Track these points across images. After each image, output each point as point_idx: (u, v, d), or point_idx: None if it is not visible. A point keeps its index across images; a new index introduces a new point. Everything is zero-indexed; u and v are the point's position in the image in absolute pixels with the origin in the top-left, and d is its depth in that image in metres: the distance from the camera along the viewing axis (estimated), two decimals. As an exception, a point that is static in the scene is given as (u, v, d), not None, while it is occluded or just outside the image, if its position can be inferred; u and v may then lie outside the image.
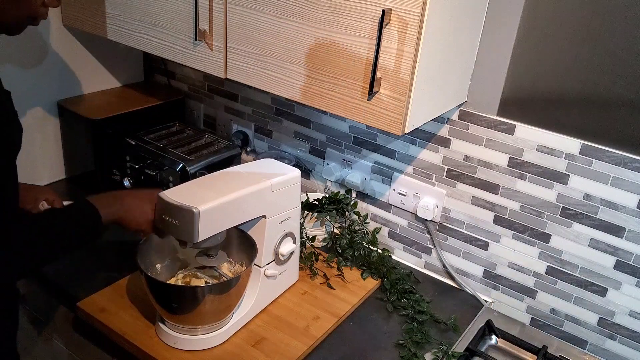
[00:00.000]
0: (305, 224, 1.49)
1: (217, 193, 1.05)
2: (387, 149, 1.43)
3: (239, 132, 1.73)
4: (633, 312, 1.19)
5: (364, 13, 0.97)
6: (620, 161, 1.11)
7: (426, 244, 1.45)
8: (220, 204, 1.04)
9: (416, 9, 0.91)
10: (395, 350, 1.18)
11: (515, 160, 1.23)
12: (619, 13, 1.03)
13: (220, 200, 1.04)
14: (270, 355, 1.11)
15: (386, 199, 1.48)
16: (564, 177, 1.18)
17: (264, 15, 1.10)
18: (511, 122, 1.21)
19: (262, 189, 1.13)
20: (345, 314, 1.26)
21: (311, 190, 1.61)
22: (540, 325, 1.32)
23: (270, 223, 1.18)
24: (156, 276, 1.15)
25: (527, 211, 1.25)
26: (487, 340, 1.26)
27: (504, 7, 1.14)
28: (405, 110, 0.98)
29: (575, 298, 1.25)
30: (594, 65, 1.08)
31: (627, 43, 1.04)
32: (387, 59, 0.97)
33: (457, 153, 1.31)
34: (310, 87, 1.09)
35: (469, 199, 1.33)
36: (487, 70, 1.21)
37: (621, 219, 1.14)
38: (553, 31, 1.11)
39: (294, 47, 1.08)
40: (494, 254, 1.33)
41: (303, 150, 1.61)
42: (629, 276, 1.17)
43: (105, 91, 1.72)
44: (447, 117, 1.29)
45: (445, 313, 1.30)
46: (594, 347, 1.26)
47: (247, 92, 1.67)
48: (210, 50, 1.22)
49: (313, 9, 1.03)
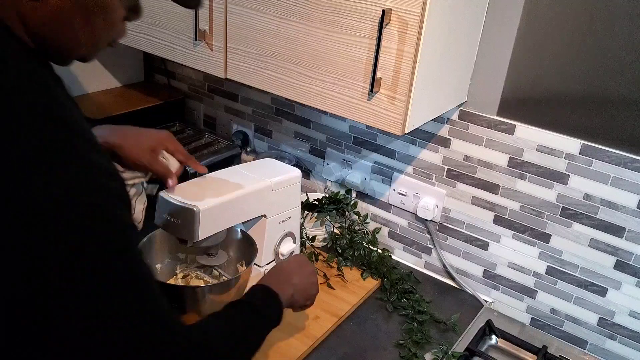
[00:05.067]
0: (305, 224, 1.49)
1: (217, 192, 1.06)
2: (387, 149, 1.43)
3: (239, 132, 1.73)
4: (633, 312, 1.19)
5: (364, 13, 0.97)
6: (620, 161, 1.11)
7: (426, 244, 1.45)
8: (220, 203, 1.04)
9: (416, 9, 0.91)
10: (395, 350, 1.18)
11: (515, 160, 1.23)
12: (619, 13, 1.03)
13: (220, 199, 1.04)
14: (270, 355, 1.11)
15: (386, 199, 1.48)
16: (564, 177, 1.18)
17: (264, 15, 1.10)
18: (511, 122, 1.21)
19: (263, 189, 1.13)
20: (345, 314, 1.26)
21: (311, 190, 1.61)
22: (540, 325, 1.32)
23: (270, 223, 1.18)
24: (156, 276, 1.15)
25: (527, 211, 1.25)
26: (487, 340, 1.26)
27: (504, 7, 1.14)
28: (405, 110, 0.98)
29: (575, 298, 1.25)
30: (594, 65, 1.08)
31: (627, 43, 1.04)
32: (387, 59, 0.97)
33: (457, 153, 1.31)
34: (310, 87, 1.09)
35: (469, 199, 1.33)
36: (487, 70, 1.21)
37: (621, 219, 1.14)
38: (553, 31, 1.11)
39: (293, 47, 1.08)
40: (494, 254, 1.33)
41: (303, 150, 1.61)
42: (629, 276, 1.17)
43: (105, 91, 1.72)
44: (447, 117, 1.29)
45: (445, 313, 1.30)
46: (594, 347, 1.26)
47: (247, 92, 1.67)
48: (210, 50, 1.22)
49: (313, 9, 1.03)
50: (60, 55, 0.68)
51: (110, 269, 0.59)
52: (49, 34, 0.64)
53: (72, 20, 0.64)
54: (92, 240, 0.57)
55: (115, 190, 0.62)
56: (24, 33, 0.63)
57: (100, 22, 0.67)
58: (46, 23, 0.63)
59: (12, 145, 0.55)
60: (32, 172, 0.55)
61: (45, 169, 0.56)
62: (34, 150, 0.55)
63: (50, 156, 0.56)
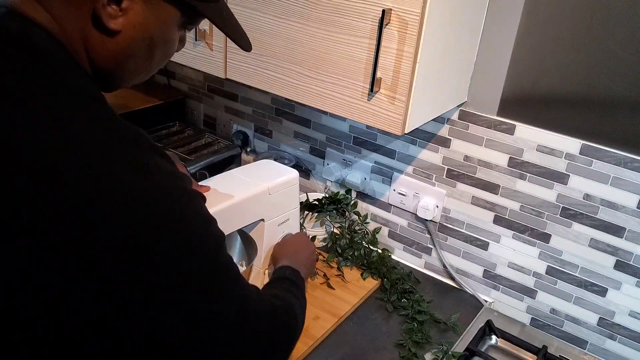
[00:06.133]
0: (305, 224, 1.49)
1: (214, 200, 1.05)
2: (387, 149, 1.43)
3: (239, 132, 1.73)
4: (633, 312, 1.19)
5: (364, 13, 0.97)
6: (620, 161, 1.11)
7: (426, 244, 1.45)
8: (218, 211, 1.03)
9: (416, 9, 0.91)
10: (395, 350, 1.18)
11: (515, 160, 1.23)
12: (619, 13, 1.03)
13: (217, 207, 1.04)
14: (270, 355, 1.11)
15: (386, 199, 1.48)
16: (564, 177, 1.18)
17: (264, 15, 1.10)
18: (511, 122, 1.21)
19: (260, 193, 1.13)
20: (345, 314, 1.26)
21: (311, 190, 1.61)
22: (540, 325, 1.32)
23: (269, 225, 1.18)
24: None
25: (527, 211, 1.25)
26: (487, 340, 1.26)
27: (504, 7, 1.14)
28: (405, 110, 0.98)
29: (575, 298, 1.25)
30: (594, 65, 1.08)
31: (627, 43, 1.04)
32: (387, 59, 0.97)
33: (457, 153, 1.31)
34: (310, 87, 1.09)
35: (469, 199, 1.33)
36: (487, 70, 1.21)
37: (621, 219, 1.14)
38: (553, 31, 1.11)
39: (294, 47, 1.08)
40: (494, 254, 1.33)
41: (303, 150, 1.61)
42: (629, 276, 1.17)
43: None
44: (447, 117, 1.29)
45: (445, 313, 1.30)
46: (594, 347, 1.26)
47: (247, 92, 1.67)
48: (210, 50, 1.22)
49: (313, 9, 1.03)
50: (116, 84, 0.70)
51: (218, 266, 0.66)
52: (112, 66, 0.66)
53: (137, 54, 0.66)
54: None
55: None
56: (87, 64, 0.64)
57: (160, 54, 0.69)
58: (113, 56, 0.65)
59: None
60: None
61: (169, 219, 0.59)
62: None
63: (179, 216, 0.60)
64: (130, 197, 0.56)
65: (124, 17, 0.62)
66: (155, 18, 0.65)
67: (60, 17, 0.61)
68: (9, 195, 0.52)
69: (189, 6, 0.67)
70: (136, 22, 0.63)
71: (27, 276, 0.53)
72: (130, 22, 0.63)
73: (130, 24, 0.63)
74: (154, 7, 0.64)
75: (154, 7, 0.64)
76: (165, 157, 0.63)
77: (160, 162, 0.61)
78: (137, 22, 0.63)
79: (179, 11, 0.67)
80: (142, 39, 0.65)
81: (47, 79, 0.57)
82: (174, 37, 0.69)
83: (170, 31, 0.68)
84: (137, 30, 0.64)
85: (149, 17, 0.64)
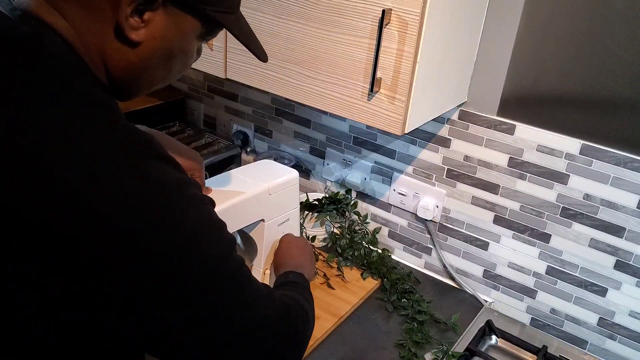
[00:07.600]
0: (305, 224, 1.49)
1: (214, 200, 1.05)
2: (387, 149, 1.43)
3: (239, 132, 1.73)
4: (633, 312, 1.19)
5: (364, 13, 0.97)
6: (620, 161, 1.11)
7: (426, 244, 1.45)
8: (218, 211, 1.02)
9: (416, 9, 0.91)
10: (395, 350, 1.18)
11: (515, 160, 1.23)
12: (618, 13, 1.03)
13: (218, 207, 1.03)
14: (270, 355, 1.11)
15: (386, 199, 1.48)
16: (564, 177, 1.18)
17: (264, 15, 1.10)
18: (511, 122, 1.21)
19: (260, 194, 1.13)
20: (345, 314, 1.26)
21: (311, 190, 1.61)
22: (540, 325, 1.32)
23: (269, 226, 1.18)
24: None
25: (527, 211, 1.25)
26: (487, 340, 1.26)
27: (504, 7, 1.14)
28: (405, 110, 0.98)
29: (575, 298, 1.25)
30: (594, 65, 1.08)
31: (627, 43, 1.04)
32: (387, 59, 0.97)
33: (457, 153, 1.31)
34: (310, 87, 1.09)
35: (469, 199, 1.33)
36: (487, 70, 1.21)
37: (621, 219, 1.14)
38: (553, 31, 1.11)
39: (294, 47, 1.08)
40: (494, 254, 1.33)
41: (303, 150, 1.61)
42: (629, 276, 1.17)
43: (105, 91, 1.72)
44: (447, 117, 1.29)
45: (445, 313, 1.30)
46: (594, 347, 1.26)
47: (247, 92, 1.67)
48: (210, 50, 1.22)
49: (313, 9, 1.03)
50: (131, 93, 0.70)
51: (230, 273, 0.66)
52: (129, 76, 0.66)
53: (155, 65, 0.66)
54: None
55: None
56: (104, 73, 0.64)
57: (178, 66, 0.70)
58: (131, 67, 0.65)
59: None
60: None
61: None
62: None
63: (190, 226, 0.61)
64: (129, 200, 0.55)
65: (145, 28, 0.62)
66: (176, 30, 0.65)
67: (78, 25, 0.60)
68: (9, 196, 0.52)
69: (208, 17, 0.67)
70: (157, 33, 0.63)
71: (27, 276, 0.53)
72: (152, 34, 0.63)
73: (151, 35, 0.63)
74: (175, 19, 0.64)
75: (175, 19, 0.64)
76: (172, 164, 0.63)
77: (165, 168, 0.61)
78: (158, 33, 0.63)
79: (199, 22, 0.67)
80: (162, 50, 0.65)
81: (51, 82, 0.57)
82: (192, 49, 0.70)
83: (190, 42, 0.68)
84: (158, 42, 0.64)
85: (170, 28, 0.64)
